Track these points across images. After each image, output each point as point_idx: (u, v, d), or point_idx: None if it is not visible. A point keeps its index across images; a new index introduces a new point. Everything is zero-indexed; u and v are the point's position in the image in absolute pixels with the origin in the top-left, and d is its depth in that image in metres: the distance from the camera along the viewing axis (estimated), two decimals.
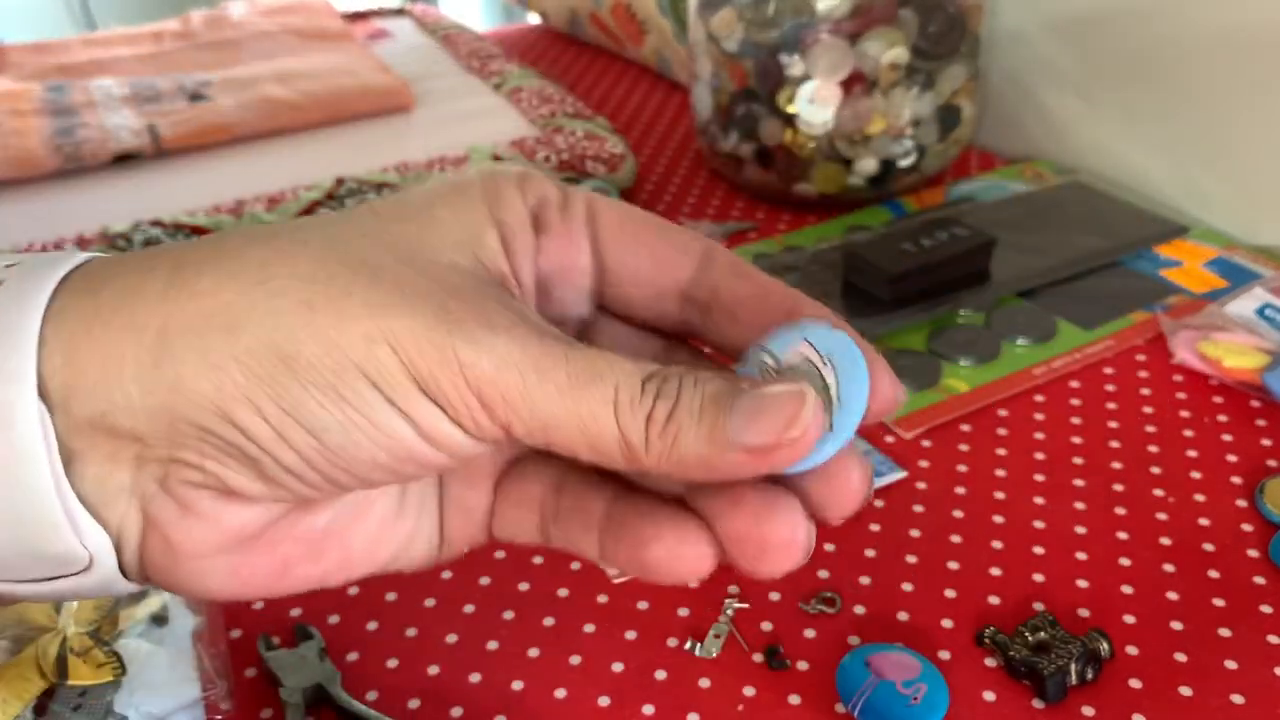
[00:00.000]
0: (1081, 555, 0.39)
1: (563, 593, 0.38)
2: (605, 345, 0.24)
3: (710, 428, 0.21)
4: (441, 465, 0.23)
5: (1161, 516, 0.41)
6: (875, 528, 0.40)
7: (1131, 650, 0.35)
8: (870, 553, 0.39)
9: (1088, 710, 0.33)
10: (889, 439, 0.45)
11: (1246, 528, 0.40)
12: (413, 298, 0.21)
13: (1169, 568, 0.38)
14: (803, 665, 0.35)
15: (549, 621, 0.37)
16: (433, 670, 0.36)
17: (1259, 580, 0.38)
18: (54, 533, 0.21)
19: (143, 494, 0.22)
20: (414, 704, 0.34)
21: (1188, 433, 0.45)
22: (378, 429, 0.21)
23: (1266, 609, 0.36)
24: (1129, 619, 0.36)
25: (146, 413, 0.21)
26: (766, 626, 0.37)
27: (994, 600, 0.37)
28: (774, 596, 0.38)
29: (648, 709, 0.34)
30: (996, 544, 0.40)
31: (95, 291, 0.22)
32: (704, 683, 0.35)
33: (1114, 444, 0.44)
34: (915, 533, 0.40)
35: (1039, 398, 0.47)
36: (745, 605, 0.37)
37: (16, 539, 0.21)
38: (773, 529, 0.22)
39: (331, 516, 0.25)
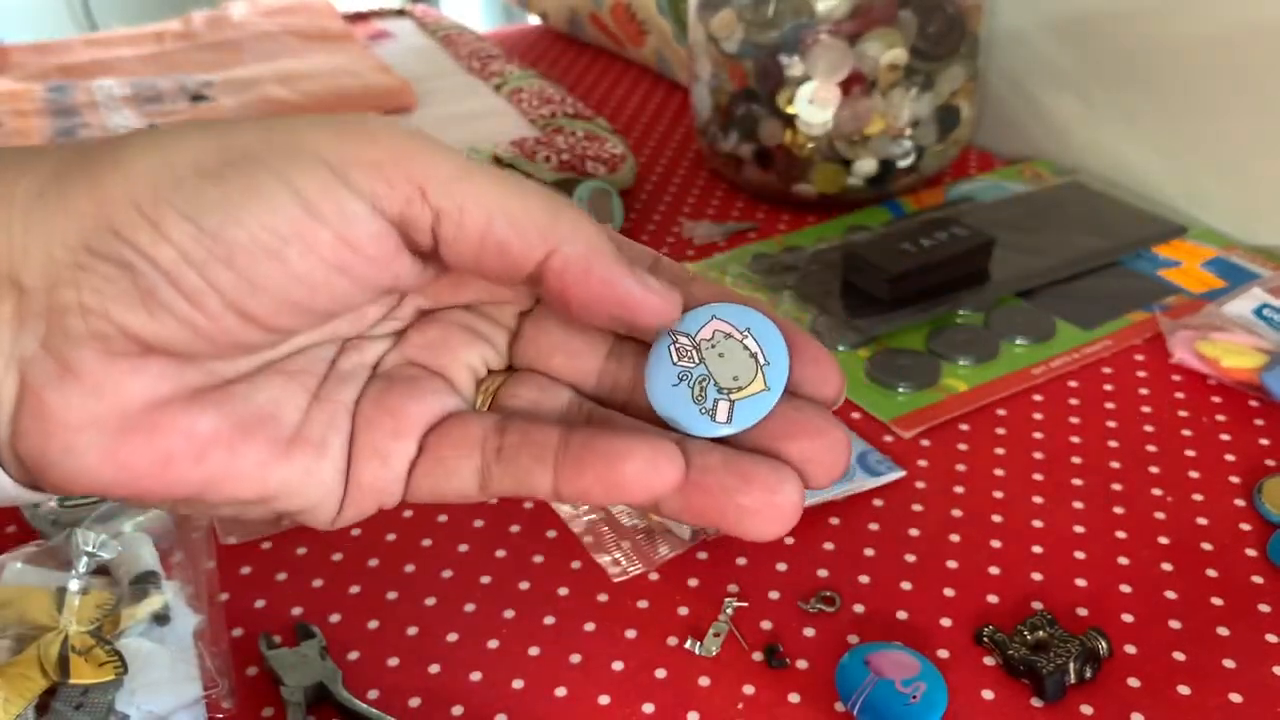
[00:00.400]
0: (1080, 554, 0.39)
1: (563, 592, 0.38)
2: (547, 338, 0.26)
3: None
4: (330, 259, 0.22)
5: (1160, 516, 0.41)
6: (874, 527, 0.41)
7: (1130, 649, 0.35)
8: (869, 552, 0.40)
9: (1086, 709, 0.33)
10: (888, 439, 0.45)
11: (1245, 527, 0.40)
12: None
13: (1167, 567, 0.38)
14: (802, 664, 0.35)
15: (549, 620, 0.37)
16: (433, 669, 0.36)
17: (1257, 579, 0.38)
18: None
19: (22, 358, 0.21)
20: (415, 702, 0.35)
21: (1186, 432, 0.45)
22: (261, 200, 0.21)
23: (1264, 608, 0.36)
24: (1127, 618, 0.36)
25: (26, 244, 0.21)
26: (766, 625, 0.37)
27: (993, 599, 0.37)
28: (773, 595, 0.38)
29: (648, 707, 0.34)
30: (995, 543, 0.40)
31: None
32: (704, 681, 0.35)
33: (1112, 444, 0.45)
34: (914, 532, 0.40)
35: (1038, 397, 0.48)
36: (745, 604, 0.37)
37: None
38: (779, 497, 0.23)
39: (218, 420, 0.23)
